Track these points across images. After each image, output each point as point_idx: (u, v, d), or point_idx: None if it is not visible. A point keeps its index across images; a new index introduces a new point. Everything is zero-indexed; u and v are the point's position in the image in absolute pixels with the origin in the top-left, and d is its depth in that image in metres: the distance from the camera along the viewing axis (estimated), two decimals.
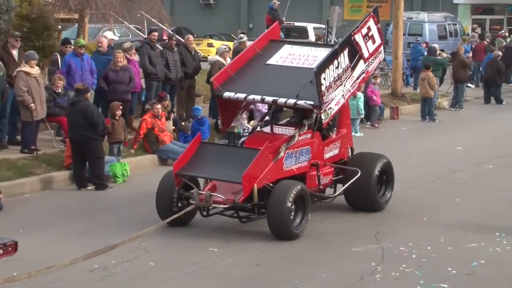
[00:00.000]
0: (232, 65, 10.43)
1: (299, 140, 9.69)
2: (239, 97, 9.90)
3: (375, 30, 10.72)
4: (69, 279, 7.67)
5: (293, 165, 9.60)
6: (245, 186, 8.83)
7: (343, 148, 10.65)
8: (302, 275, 8.09)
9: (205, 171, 9.42)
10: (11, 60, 13.36)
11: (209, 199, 9.02)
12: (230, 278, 8.00)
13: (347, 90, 10.14)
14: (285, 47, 10.68)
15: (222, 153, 9.78)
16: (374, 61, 10.78)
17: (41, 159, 12.50)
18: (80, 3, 16.85)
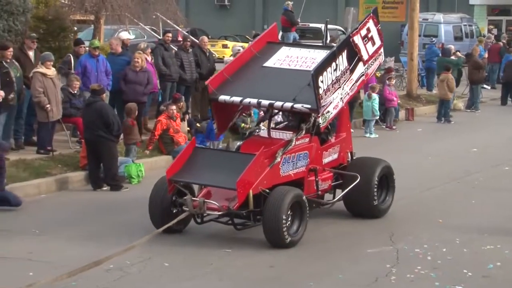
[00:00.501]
0: (228, 68, 10.12)
1: (297, 145, 9.41)
2: (235, 101, 9.61)
3: (375, 31, 10.40)
4: (85, 279, 7.69)
5: (291, 171, 9.32)
6: (239, 193, 8.55)
7: (342, 152, 10.36)
8: (316, 276, 8.08)
9: (198, 177, 9.14)
10: (28, 61, 13.45)
11: (203, 206, 8.77)
12: (244, 279, 8.00)
13: (345, 93, 9.82)
14: (282, 49, 10.41)
15: (217, 158, 9.50)
16: (374, 63, 10.45)
17: (57, 160, 12.57)
18: (96, 4, 16.92)
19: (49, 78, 12.78)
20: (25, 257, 8.54)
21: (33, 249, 8.84)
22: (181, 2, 32.24)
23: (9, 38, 14.32)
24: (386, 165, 10.38)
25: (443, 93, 19.71)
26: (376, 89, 17.70)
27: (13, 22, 14.72)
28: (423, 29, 27.70)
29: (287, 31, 22.70)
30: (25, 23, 15.07)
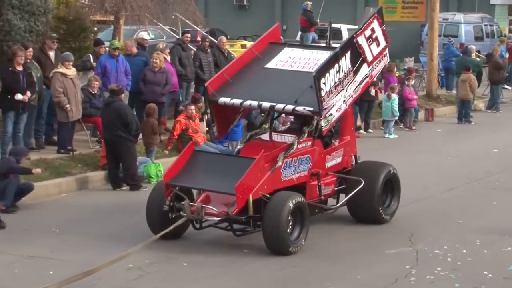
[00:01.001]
0: (229, 69, 9.82)
1: (299, 148, 9.14)
2: (235, 103, 9.32)
3: (380, 32, 10.09)
4: (105, 278, 7.74)
5: (292, 175, 9.05)
6: (238, 198, 8.28)
7: (346, 156, 10.05)
8: (334, 277, 8.07)
9: (197, 182, 8.84)
10: (48, 62, 13.55)
11: (201, 211, 8.49)
12: (264, 279, 8.02)
13: (349, 95, 9.52)
14: (285, 50, 10.12)
15: (216, 162, 9.17)
16: (379, 64, 10.14)
17: (77, 159, 12.65)
18: (116, 5, 17.00)
19: (69, 78, 12.87)
20: (46, 256, 8.60)
21: (54, 247, 8.90)
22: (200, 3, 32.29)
23: (30, 39, 14.42)
24: (392, 169, 10.07)
25: (464, 93, 19.55)
26: (395, 90, 17.62)
27: (34, 23, 14.81)
28: (443, 29, 27.55)
29: (306, 31, 22.67)
30: (46, 23, 15.17)
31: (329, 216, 9.87)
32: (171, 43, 17.43)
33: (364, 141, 16.68)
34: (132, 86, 14.28)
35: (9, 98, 12.19)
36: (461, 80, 19.82)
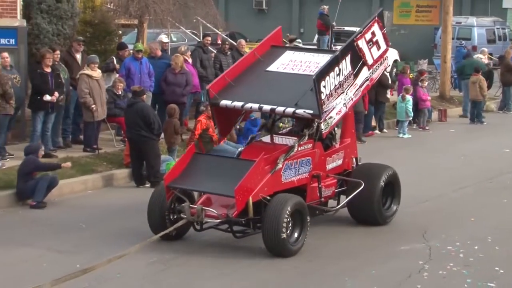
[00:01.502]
0: (231, 72, 9.56)
1: (299, 151, 8.88)
2: (236, 106, 9.05)
3: (380, 35, 9.77)
4: (128, 272, 7.79)
5: (293, 177, 8.78)
6: (238, 200, 8.04)
7: (347, 158, 9.79)
8: (351, 272, 8.06)
9: (197, 184, 8.60)
10: (75, 64, 13.65)
11: (201, 213, 8.26)
12: (284, 273, 8.00)
13: (349, 98, 9.23)
14: (286, 53, 9.84)
15: (216, 164, 8.87)
16: (379, 67, 9.81)
17: (102, 158, 12.73)
18: (140, 9, 17.07)
19: (95, 79, 12.95)
20: (71, 250, 8.66)
21: (80, 242, 8.97)
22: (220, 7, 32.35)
23: (58, 42, 14.54)
24: (392, 171, 9.78)
25: (475, 94, 19.47)
26: (410, 91, 17.56)
27: (62, 26, 14.93)
28: (456, 32, 27.38)
29: (323, 34, 22.64)
30: (73, 27, 15.28)
31: (341, 216, 9.82)
32: (193, 46, 17.49)
33: (378, 140, 16.68)
34: (155, 87, 14.34)
35: (38, 99, 12.32)
36: (471, 82, 19.71)
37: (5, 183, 10.92)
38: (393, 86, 18.62)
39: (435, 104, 20.36)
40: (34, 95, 12.39)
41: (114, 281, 7.61)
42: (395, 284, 7.70)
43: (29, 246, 8.80)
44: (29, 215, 10.23)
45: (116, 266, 7.65)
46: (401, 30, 33.42)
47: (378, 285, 7.66)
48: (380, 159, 14.87)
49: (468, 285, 7.72)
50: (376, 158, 14.64)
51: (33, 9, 14.80)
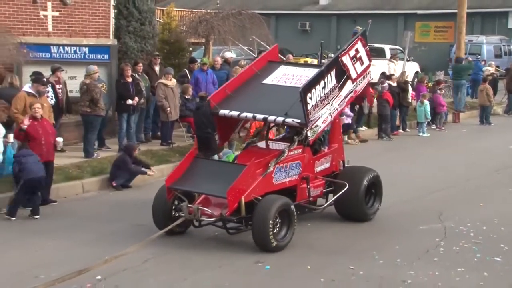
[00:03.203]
0: (230, 84, 9.03)
1: (290, 155, 8.28)
2: (233, 115, 8.50)
3: (363, 52, 9.09)
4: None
5: (283, 179, 8.20)
6: (230, 201, 7.51)
7: (334, 161, 9.14)
8: (378, 247, 7.96)
9: (195, 185, 8.02)
10: (154, 74, 13.82)
11: (197, 212, 7.73)
12: (317, 250, 7.89)
13: (334, 108, 8.60)
14: (281, 68, 9.24)
15: (213, 168, 8.32)
16: (363, 81, 9.13)
17: (176, 150, 12.85)
18: (207, 30, 17.19)
19: (170, 87, 13.08)
20: (146, 224, 8.71)
21: None
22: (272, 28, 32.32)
23: (141, 57, 14.74)
24: (374, 174, 9.12)
25: (483, 100, 19.25)
26: (426, 97, 17.52)
27: (145, 45, 15.14)
28: (468, 48, 26.82)
29: None
30: (153, 45, 15.48)
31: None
32: (249, 60, 17.50)
33: (403, 139, 16.47)
34: None
35: (122, 103, 12.52)
36: (479, 90, 19.51)
37: (100, 169, 11.13)
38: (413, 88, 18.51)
39: (449, 108, 20.00)
40: (119, 100, 12.61)
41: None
42: (416, 257, 7.58)
43: (117, 221, 8.93)
44: (117, 196, 10.38)
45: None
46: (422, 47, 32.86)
47: (401, 258, 7.55)
48: (404, 154, 14.72)
49: (477, 259, 7.56)
50: (401, 153, 14.49)
51: (122, 30, 15.05)
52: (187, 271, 6.99)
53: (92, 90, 11.79)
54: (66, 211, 9.39)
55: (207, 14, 17.75)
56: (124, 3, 15.10)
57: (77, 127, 12.87)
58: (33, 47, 12.59)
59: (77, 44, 13.55)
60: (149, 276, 6.87)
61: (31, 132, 9.20)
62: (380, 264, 7.38)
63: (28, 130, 9.22)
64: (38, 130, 9.25)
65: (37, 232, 8.39)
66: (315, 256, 7.62)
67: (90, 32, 14.95)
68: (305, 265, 7.26)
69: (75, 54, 13.42)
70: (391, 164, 13.34)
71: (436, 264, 7.38)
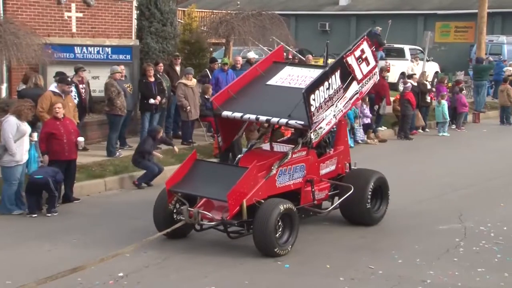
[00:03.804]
0: (234, 85, 8.72)
1: (294, 158, 8.01)
2: (236, 116, 8.17)
3: (369, 52, 8.77)
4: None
5: (287, 182, 7.92)
6: (230, 204, 7.21)
7: (340, 164, 8.84)
8: (398, 246, 7.91)
9: (195, 188, 7.71)
10: (175, 74, 13.88)
11: (197, 216, 7.46)
12: (337, 249, 7.87)
13: (339, 110, 8.27)
14: (286, 69, 8.96)
15: (215, 171, 7.99)
16: (369, 82, 8.80)
17: (196, 149, 12.85)
18: (227, 31, 17.22)
19: (190, 87, 13.12)
20: None
21: None
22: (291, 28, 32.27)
23: (162, 57, 14.83)
24: (380, 176, 8.80)
25: (503, 100, 19.08)
26: (445, 97, 17.45)
27: (166, 45, 15.22)
28: (489, 49, 26.48)
29: (376, 50, 22.27)
30: (174, 45, 15.56)
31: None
32: None
33: (423, 138, 16.36)
34: None
35: (145, 102, 12.62)
36: (500, 90, 19.31)
37: (122, 168, 11.21)
38: (432, 90, 18.34)
39: (470, 108, 19.80)
40: (142, 100, 12.70)
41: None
42: (435, 257, 7.51)
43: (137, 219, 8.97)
44: (139, 194, 10.44)
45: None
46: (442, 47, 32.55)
47: (421, 258, 7.49)
48: (424, 153, 14.59)
49: (498, 259, 7.47)
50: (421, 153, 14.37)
51: (144, 31, 15.15)
52: (208, 268, 7.03)
53: (108, 89, 11.89)
54: (88, 209, 9.47)
55: (228, 15, 17.79)
56: (146, 4, 15.19)
57: (100, 126, 12.99)
58: (57, 48, 12.74)
59: (100, 45, 13.68)
60: (170, 273, 6.86)
61: (52, 131, 9.30)
62: (400, 263, 7.33)
63: (49, 129, 9.33)
64: (59, 129, 9.36)
65: (57, 229, 8.47)
66: (335, 255, 7.60)
67: (113, 32, 15.09)
68: (324, 263, 7.24)
69: (98, 54, 13.55)
70: (411, 163, 13.26)
71: (456, 264, 7.30)
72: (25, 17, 13.46)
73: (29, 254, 7.44)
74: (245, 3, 32.35)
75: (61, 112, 9.43)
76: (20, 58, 10.98)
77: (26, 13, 13.58)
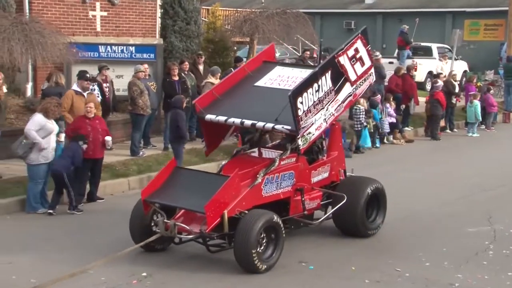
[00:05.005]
0: (219, 87, 8.23)
1: (282, 165, 7.50)
2: (220, 120, 7.65)
3: (364, 52, 8.21)
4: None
5: (274, 191, 7.42)
6: (209, 216, 6.68)
7: (334, 171, 8.32)
8: (425, 249, 7.82)
9: (173, 199, 7.16)
10: (198, 73, 13.96)
11: (174, 228, 6.94)
12: (362, 250, 7.81)
13: (330, 114, 7.71)
14: (276, 69, 8.41)
15: (195, 179, 7.41)
16: (364, 83, 8.25)
17: (219, 149, 12.80)
18: (251, 29, 17.20)
19: None
20: None
21: None
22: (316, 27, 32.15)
23: (186, 56, 14.89)
24: (377, 185, 8.22)
25: None
26: (477, 97, 17.12)
27: (190, 44, 15.28)
28: None
29: (402, 49, 22.09)
30: (198, 44, 15.61)
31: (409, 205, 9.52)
32: (294, 59, 17.46)
33: (452, 139, 16.20)
34: None
35: (169, 102, 12.64)
36: None
37: (145, 167, 11.29)
38: (459, 94, 18.08)
39: (499, 108, 19.51)
40: (165, 99, 12.76)
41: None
42: (464, 260, 7.41)
43: None
44: None
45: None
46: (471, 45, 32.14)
47: (449, 261, 7.39)
48: (452, 154, 14.40)
49: None
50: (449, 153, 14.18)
51: (168, 30, 15.23)
52: (233, 268, 7.00)
53: (131, 88, 11.99)
54: (111, 208, 9.53)
55: (252, 13, 17.77)
56: (170, 3, 15.27)
57: (123, 125, 13.10)
58: (82, 47, 12.88)
59: (124, 44, 13.80)
60: (195, 273, 6.85)
61: (79, 128, 9.40)
62: (427, 266, 7.24)
63: (76, 126, 9.44)
64: (87, 128, 9.46)
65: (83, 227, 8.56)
66: (360, 256, 7.54)
67: (137, 31, 15.20)
68: (349, 265, 7.19)
69: (122, 53, 13.67)
70: (438, 164, 13.11)
71: (485, 267, 7.19)
72: (50, 16, 13.64)
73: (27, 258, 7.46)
74: (269, 1, 32.33)
75: (93, 111, 9.53)
76: (45, 57, 11.10)
77: (51, 12, 13.77)
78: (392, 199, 8.60)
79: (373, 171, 10.07)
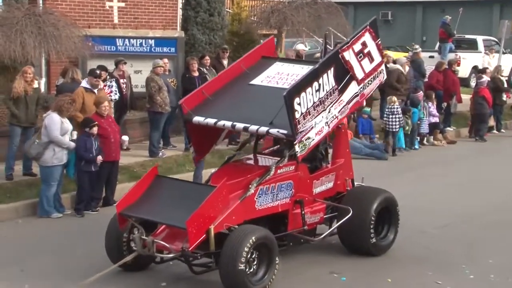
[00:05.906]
0: (209, 85, 7.78)
1: (278, 174, 7.10)
2: (209, 123, 7.21)
3: (373, 46, 7.80)
4: None
5: (270, 203, 7.01)
6: (191, 233, 6.22)
7: (339, 180, 7.89)
8: (468, 260, 7.76)
9: (151, 212, 6.74)
10: (222, 68, 13.90)
11: (152, 246, 6.54)
12: (397, 260, 7.73)
13: (332, 116, 7.27)
14: (275, 65, 7.98)
15: (177, 190, 6.98)
16: (373, 82, 7.83)
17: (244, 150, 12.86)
18: (279, 21, 17.23)
19: None
20: None
21: None
22: (350, 18, 32.01)
23: (209, 50, 14.97)
24: (388, 196, 7.82)
25: None
26: None
27: (213, 37, 15.35)
28: None
29: (444, 42, 21.87)
30: (222, 37, 15.68)
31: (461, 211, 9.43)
32: None
33: (499, 140, 16.02)
34: None
35: None
36: None
37: (165, 169, 11.31)
38: (508, 89, 17.78)
39: None
40: (184, 95, 12.78)
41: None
42: (511, 273, 7.32)
43: None
44: None
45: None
46: None
47: (495, 273, 7.33)
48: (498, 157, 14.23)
49: None
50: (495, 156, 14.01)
51: (190, 22, 15.31)
52: None
53: (149, 84, 12.08)
54: None
55: (280, 4, 17.79)
56: None
57: (142, 124, 13.22)
58: (98, 40, 13.00)
59: (143, 37, 13.92)
60: (213, 282, 6.73)
61: (100, 131, 9.42)
62: (471, 279, 7.19)
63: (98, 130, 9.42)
64: (106, 128, 9.54)
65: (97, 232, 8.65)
66: (395, 267, 7.50)
67: (157, 23, 15.32)
68: (384, 277, 7.16)
69: (141, 47, 13.79)
70: (483, 167, 12.96)
71: None
72: (64, 7, 13.81)
73: None
74: None
75: (108, 110, 9.65)
76: (59, 51, 11.25)
77: (66, 3, 13.94)
78: (430, 206, 8.55)
79: (408, 175, 10.02)
